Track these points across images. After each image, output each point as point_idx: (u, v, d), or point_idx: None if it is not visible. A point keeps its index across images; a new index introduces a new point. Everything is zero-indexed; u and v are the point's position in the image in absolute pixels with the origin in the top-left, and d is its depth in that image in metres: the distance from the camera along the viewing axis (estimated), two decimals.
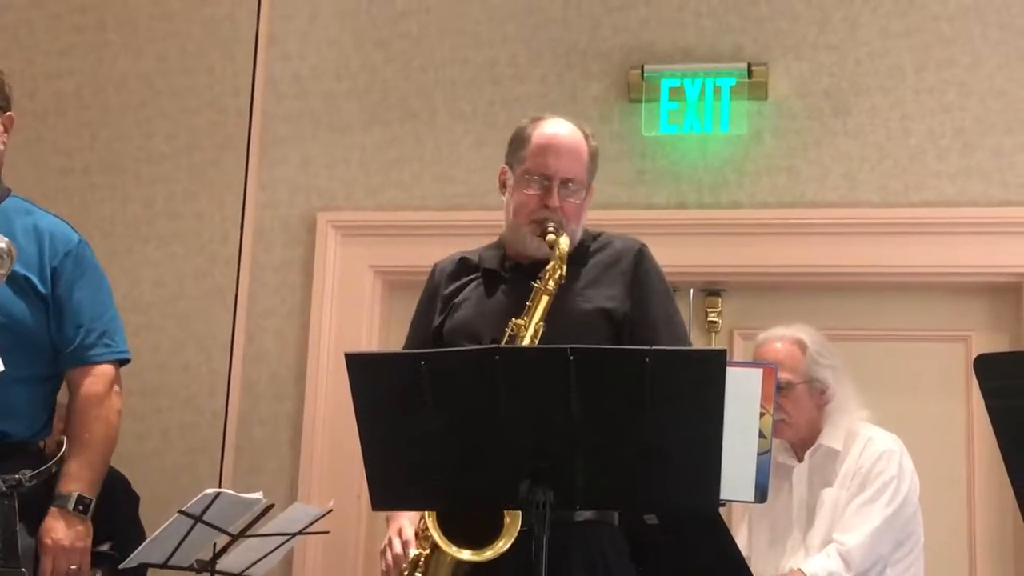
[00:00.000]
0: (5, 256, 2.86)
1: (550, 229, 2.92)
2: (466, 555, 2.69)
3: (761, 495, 2.76)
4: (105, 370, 3.21)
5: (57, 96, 5.12)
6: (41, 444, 3.16)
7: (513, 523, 2.66)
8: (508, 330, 2.85)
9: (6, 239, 2.89)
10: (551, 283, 2.87)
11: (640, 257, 3.04)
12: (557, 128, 3.06)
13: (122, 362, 3.27)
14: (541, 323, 2.84)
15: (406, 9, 4.96)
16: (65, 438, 3.16)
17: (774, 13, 4.73)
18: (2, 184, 3.19)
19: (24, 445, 3.09)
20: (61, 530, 3.03)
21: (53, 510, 3.05)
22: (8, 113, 3.17)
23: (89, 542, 3.11)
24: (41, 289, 3.11)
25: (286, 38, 5.02)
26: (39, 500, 3.06)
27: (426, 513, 2.76)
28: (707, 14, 4.76)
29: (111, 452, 3.22)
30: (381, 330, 4.79)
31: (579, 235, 3.03)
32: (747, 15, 4.74)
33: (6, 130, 3.16)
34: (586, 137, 3.08)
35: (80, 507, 3.06)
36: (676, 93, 4.65)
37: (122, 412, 3.25)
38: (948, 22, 4.63)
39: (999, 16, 4.60)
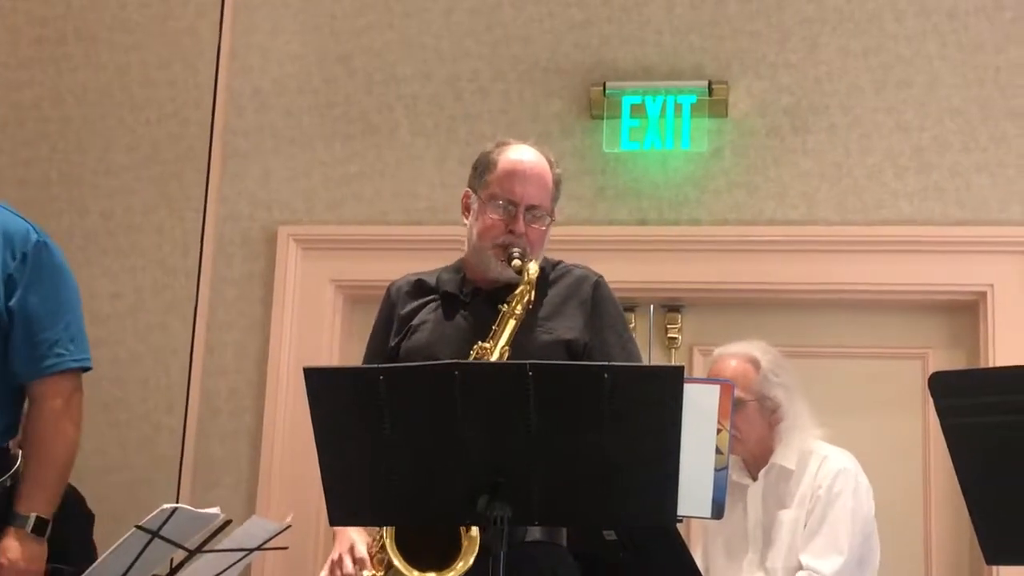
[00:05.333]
0: None
1: (515, 255, 2.92)
2: None
3: (718, 511, 2.76)
4: (60, 382, 3.08)
5: (16, 107, 5.08)
6: (7, 446, 3.09)
7: (472, 544, 2.65)
8: (473, 353, 2.84)
9: None
10: (519, 307, 2.87)
11: (597, 288, 3.06)
12: (523, 154, 3.06)
13: (84, 369, 3.14)
14: (507, 347, 2.84)
15: (368, 24, 4.96)
16: (21, 450, 3.11)
17: (735, 32, 4.76)
18: None
19: None
20: (16, 551, 2.98)
21: (10, 530, 2.99)
22: None
23: (43, 565, 3.05)
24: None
25: (248, 51, 5.00)
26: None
27: (384, 534, 2.73)
28: (669, 32, 4.79)
29: (70, 468, 3.13)
30: (341, 344, 4.77)
31: (539, 262, 3.04)
32: (708, 34, 4.77)
33: None
34: (551, 164, 3.09)
35: (37, 529, 3.01)
36: (637, 110, 4.67)
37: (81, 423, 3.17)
38: (906, 42, 4.67)
39: (957, 36, 4.64)
